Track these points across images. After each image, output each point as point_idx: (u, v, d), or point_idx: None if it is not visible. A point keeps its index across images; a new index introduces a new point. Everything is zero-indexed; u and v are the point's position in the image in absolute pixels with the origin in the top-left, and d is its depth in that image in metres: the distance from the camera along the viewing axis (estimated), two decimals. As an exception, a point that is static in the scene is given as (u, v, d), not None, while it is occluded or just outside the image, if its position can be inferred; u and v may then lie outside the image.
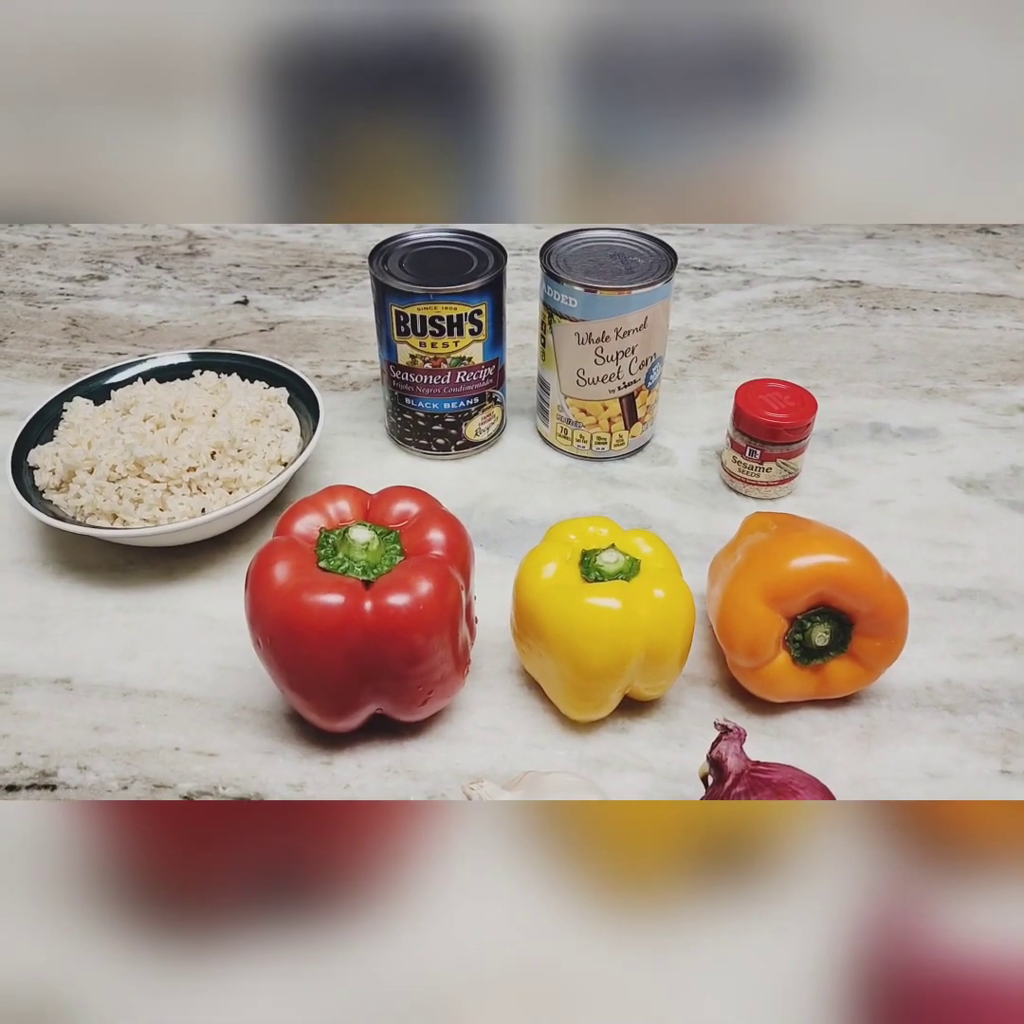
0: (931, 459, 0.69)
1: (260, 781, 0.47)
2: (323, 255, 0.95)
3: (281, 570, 0.44)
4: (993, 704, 0.51)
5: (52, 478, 0.58)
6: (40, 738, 0.49)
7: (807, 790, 0.40)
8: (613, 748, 0.49)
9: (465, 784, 0.40)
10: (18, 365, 0.78)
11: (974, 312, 0.86)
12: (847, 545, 0.47)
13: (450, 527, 0.47)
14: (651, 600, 0.46)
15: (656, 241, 0.64)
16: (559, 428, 0.68)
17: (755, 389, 0.64)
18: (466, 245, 0.64)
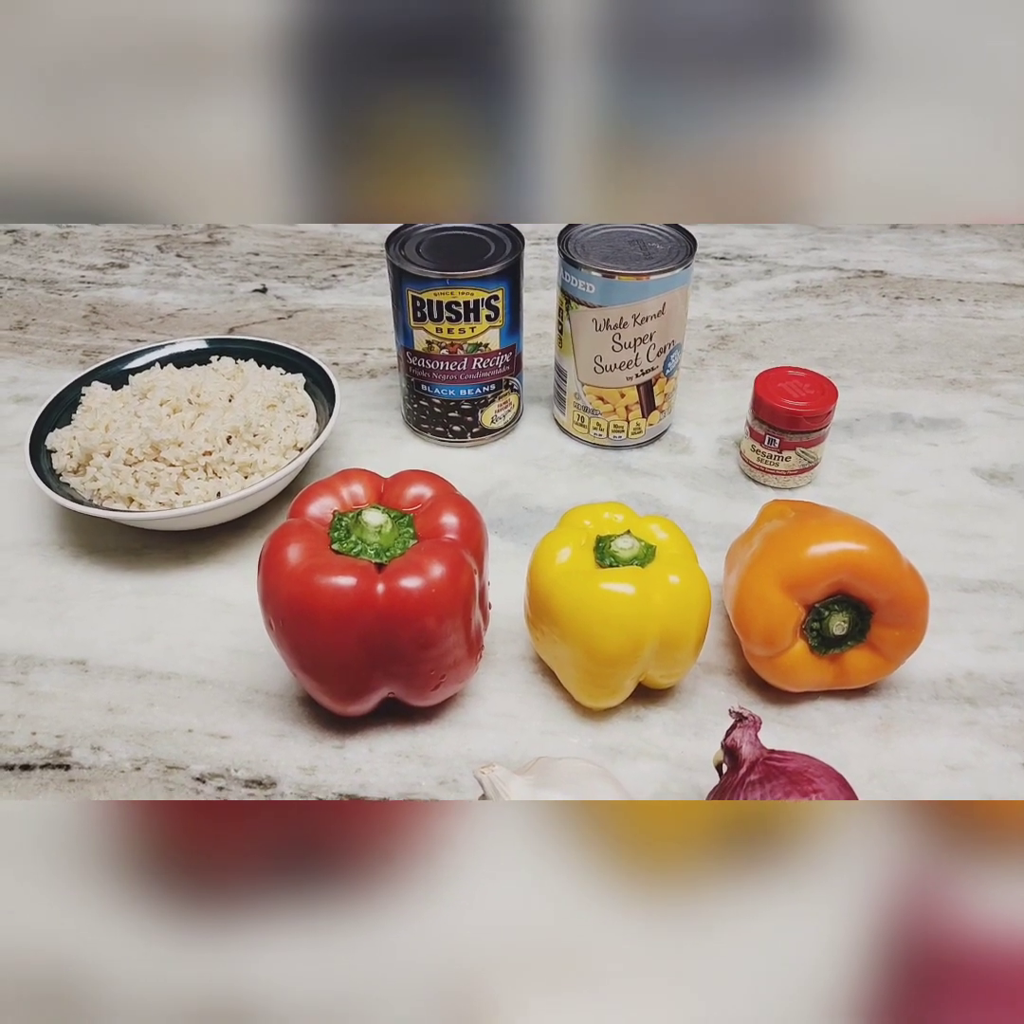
0: (954, 450, 0.68)
1: (272, 764, 0.47)
2: (342, 244, 0.95)
3: (294, 552, 0.44)
4: (1015, 697, 0.51)
5: (69, 461, 0.59)
6: (55, 718, 0.50)
7: (823, 778, 0.39)
8: (627, 736, 0.49)
9: (476, 769, 0.40)
10: (39, 351, 0.79)
11: (1000, 302, 0.85)
12: (866, 532, 0.47)
13: (464, 511, 0.47)
14: (666, 586, 0.46)
15: (675, 227, 0.63)
16: (576, 416, 0.67)
17: (775, 377, 0.63)
18: (484, 231, 0.64)
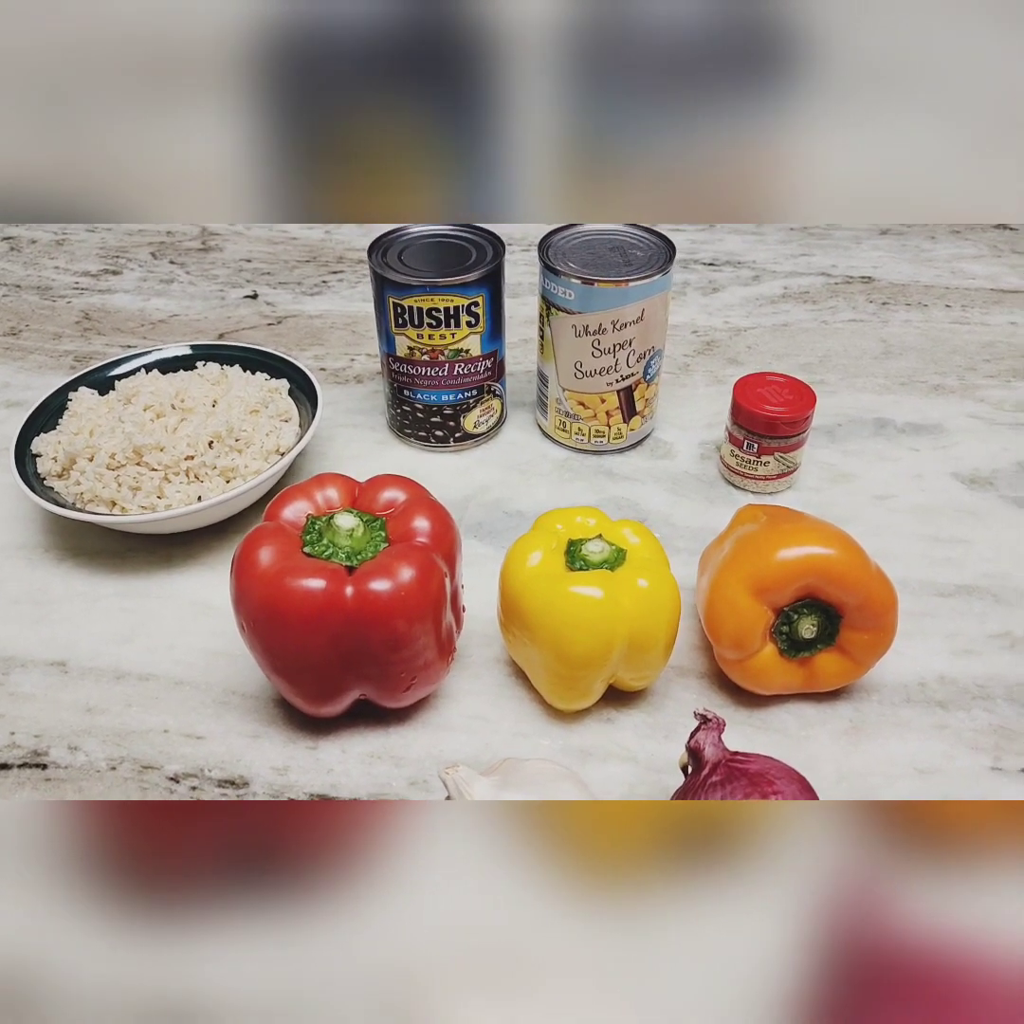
0: (935, 455, 0.68)
1: (245, 764, 0.48)
2: (333, 251, 0.96)
3: (265, 554, 0.45)
4: (986, 700, 0.51)
5: (54, 465, 0.59)
6: (34, 718, 0.50)
7: (783, 780, 0.39)
8: (598, 738, 0.49)
9: (441, 770, 0.41)
10: (31, 357, 0.80)
11: (987, 308, 0.85)
12: (835, 537, 0.47)
13: (436, 515, 0.48)
14: (635, 590, 0.46)
15: (655, 234, 0.64)
16: (558, 421, 0.68)
17: (754, 382, 0.63)
18: (465, 238, 0.65)
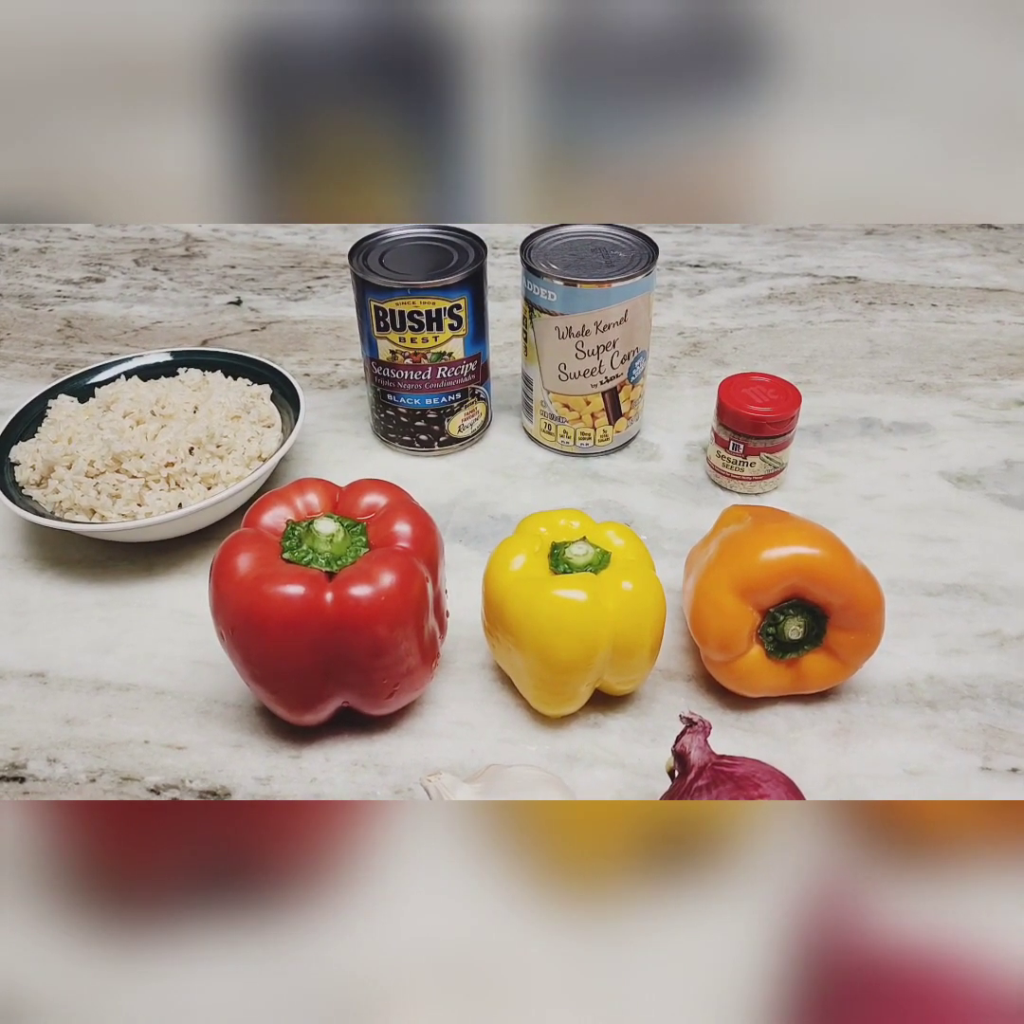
0: (922, 454, 0.68)
1: (227, 774, 0.47)
2: (318, 256, 0.95)
3: (244, 561, 0.44)
4: (975, 700, 0.50)
5: (32, 474, 0.59)
6: (12, 731, 0.49)
7: (770, 783, 0.39)
8: (584, 743, 0.49)
9: (423, 776, 0.40)
10: (12, 366, 0.79)
11: (973, 307, 0.85)
12: (819, 537, 0.47)
13: (417, 519, 0.47)
14: (619, 592, 0.45)
15: (638, 235, 0.64)
16: (543, 424, 0.67)
17: (739, 383, 0.63)
18: (447, 240, 0.64)
